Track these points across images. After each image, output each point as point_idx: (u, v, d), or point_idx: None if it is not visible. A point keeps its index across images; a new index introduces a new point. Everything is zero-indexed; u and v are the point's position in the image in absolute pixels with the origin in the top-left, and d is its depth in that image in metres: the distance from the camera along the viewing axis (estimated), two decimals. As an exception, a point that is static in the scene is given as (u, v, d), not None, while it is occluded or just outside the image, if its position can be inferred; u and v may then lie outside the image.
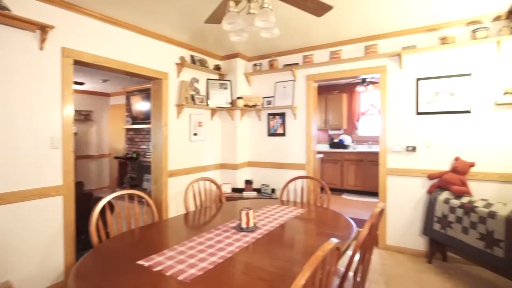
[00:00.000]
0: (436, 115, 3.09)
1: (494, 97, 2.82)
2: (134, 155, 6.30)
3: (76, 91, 6.61)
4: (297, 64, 3.87)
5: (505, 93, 2.75)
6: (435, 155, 3.10)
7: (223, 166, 4.29)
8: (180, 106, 3.59)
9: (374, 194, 5.65)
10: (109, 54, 2.88)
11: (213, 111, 4.14)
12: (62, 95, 2.50)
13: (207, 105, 3.97)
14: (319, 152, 6.33)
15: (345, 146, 6.38)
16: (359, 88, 6.13)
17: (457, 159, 2.96)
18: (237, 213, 2.22)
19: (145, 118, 6.09)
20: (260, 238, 1.65)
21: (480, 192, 2.87)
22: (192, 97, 3.79)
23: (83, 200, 2.95)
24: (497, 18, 2.79)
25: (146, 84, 5.93)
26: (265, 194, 3.89)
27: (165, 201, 3.42)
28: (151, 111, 3.55)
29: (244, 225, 1.76)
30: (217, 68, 4.17)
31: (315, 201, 2.61)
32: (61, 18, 2.50)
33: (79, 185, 3.20)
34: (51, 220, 2.42)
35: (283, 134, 4.07)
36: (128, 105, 6.60)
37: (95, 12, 2.69)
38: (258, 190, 3.99)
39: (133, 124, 6.42)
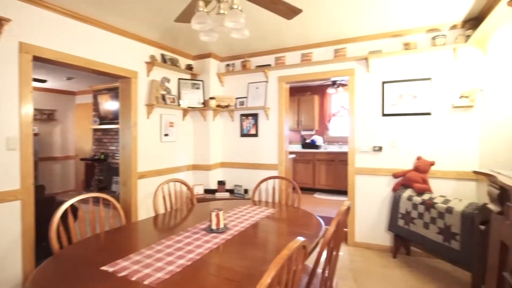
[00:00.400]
0: (400, 116, 3.25)
1: (451, 100, 3.02)
2: (102, 157, 6.04)
3: (38, 89, 6.22)
4: (269, 65, 3.91)
5: (461, 97, 2.95)
6: (400, 155, 3.26)
7: (195, 167, 4.23)
8: (150, 106, 3.49)
9: (345, 192, 5.82)
10: (74, 51, 2.74)
11: (185, 111, 4.08)
12: (20, 93, 2.34)
13: (179, 105, 3.90)
14: (291, 153, 6.43)
15: (317, 147, 6.53)
16: (330, 90, 6.31)
17: (419, 158, 3.13)
18: (208, 214, 2.20)
19: (114, 118, 5.86)
20: (230, 239, 1.65)
21: (440, 189, 3.06)
22: (163, 97, 3.70)
23: (45, 205, 2.78)
24: (454, 27, 2.99)
25: (115, 83, 5.71)
26: (238, 195, 3.89)
27: (134, 204, 3.32)
28: (119, 111, 3.42)
29: (214, 227, 1.75)
30: (189, 67, 4.11)
31: (286, 201, 2.65)
32: (20, 11, 2.34)
33: (39, 188, 3.02)
34: (7, 227, 2.26)
35: (256, 135, 4.09)
36: (96, 104, 6.32)
37: (58, 6, 2.55)
38: (231, 191, 3.98)
39: (101, 124, 6.16)
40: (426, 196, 2.83)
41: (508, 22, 2.26)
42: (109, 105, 6.05)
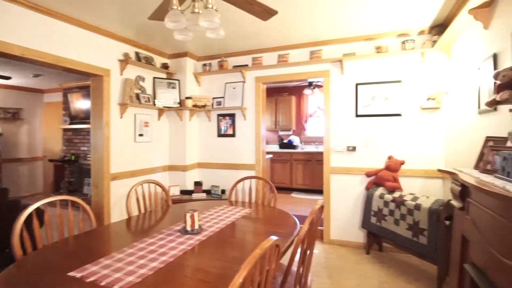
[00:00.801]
0: (372, 117, 3.37)
1: (419, 102, 3.17)
2: (73, 158, 5.79)
3: (1, 86, 5.86)
4: (246, 65, 3.92)
5: (428, 99, 3.10)
6: (372, 154, 3.38)
7: (172, 167, 4.16)
8: (123, 105, 3.39)
9: (322, 192, 5.89)
10: (42, 47, 2.61)
11: (161, 111, 3.99)
12: (-21, 90, 2.20)
13: (154, 104, 3.82)
14: (269, 153, 6.48)
15: (294, 147, 6.62)
16: (307, 91, 6.43)
17: (390, 157, 3.26)
18: (183, 216, 2.17)
19: (86, 117, 5.62)
20: (204, 240, 1.64)
21: (409, 187, 3.20)
22: (137, 96, 3.61)
23: (8, 209, 2.62)
24: (422, 32, 3.14)
25: (87, 81, 5.48)
26: (215, 195, 3.87)
27: (107, 206, 3.21)
28: (91, 110, 3.29)
29: (189, 228, 1.73)
30: (165, 66, 4.03)
31: (263, 201, 2.67)
32: (-22, 3, 2.20)
33: (2, 192, 2.85)
34: (-35, 233, 2.12)
35: (233, 135, 4.08)
36: (66, 103, 6.04)
37: (25, 0, 2.42)
38: (208, 192, 3.95)
39: (71, 123, 5.89)
40: (396, 194, 2.95)
41: (470, 28, 2.41)
42: (80, 103, 5.81)
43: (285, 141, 6.78)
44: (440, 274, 2.46)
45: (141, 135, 3.72)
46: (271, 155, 6.47)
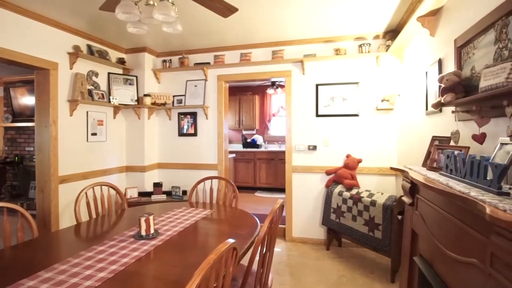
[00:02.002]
0: (332, 117, 3.47)
1: (375, 103, 3.33)
2: (17, 159, 5.26)
3: None
4: (208, 63, 3.83)
5: (383, 100, 3.27)
6: (332, 153, 3.48)
7: (129, 168, 3.94)
8: (73, 102, 3.14)
9: (285, 190, 6.02)
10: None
11: (117, 108, 3.77)
12: None
13: (109, 102, 3.59)
14: (232, 152, 6.44)
15: (257, 146, 6.64)
16: (269, 91, 6.48)
17: (348, 156, 3.38)
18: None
19: (32, 114, 5.13)
20: (160, 245, 1.55)
21: (366, 184, 3.35)
22: (90, 92, 3.36)
23: None
24: (377, 37, 3.29)
25: (33, 74, 5.00)
26: (176, 197, 3.74)
27: (55, 212, 2.95)
28: (35, 107, 3.00)
29: (143, 233, 1.63)
30: (121, 61, 3.81)
31: (224, 201, 2.62)
32: None
33: None
34: None
35: (194, 134, 3.98)
36: (8, 99, 5.46)
37: None
38: (168, 193, 3.80)
39: (14, 121, 5.35)
40: (354, 191, 3.07)
41: (419, 35, 2.57)
42: (26, 100, 5.29)
43: (248, 140, 6.78)
44: (394, 266, 2.60)
45: (94, 134, 3.47)
46: (234, 155, 6.43)
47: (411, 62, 2.84)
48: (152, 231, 1.65)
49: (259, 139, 6.77)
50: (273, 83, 6.36)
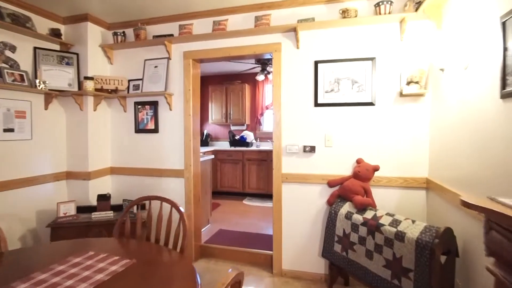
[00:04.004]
0: (337, 107, 2.51)
1: (397, 87, 2.36)
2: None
3: None
4: (171, 35, 2.87)
5: (409, 83, 2.29)
6: (336, 157, 2.52)
7: (71, 175, 3.00)
8: (-35, 84, 2.19)
9: (278, 197, 5.09)
10: None
11: (49, 96, 2.81)
12: None
13: (35, 86, 2.64)
14: (218, 151, 5.48)
15: (247, 144, 5.66)
16: (259, 77, 5.26)
17: (359, 161, 2.42)
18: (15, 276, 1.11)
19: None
20: None
21: (384, 201, 2.39)
22: (0, 73, 2.42)
23: None
24: (402, -9, 2.31)
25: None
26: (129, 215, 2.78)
27: None
28: None
29: None
30: (56, 34, 2.85)
31: (167, 238, 1.67)
32: None
33: None
34: None
35: (155, 130, 3.03)
36: None
37: None
38: (118, 208, 2.85)
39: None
40: (369, 214, 2.11)
41: (479, -29, 1.58)
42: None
43: (237, 137, 5.79)
44: None
45: (9, 130, 2.53)
46: (212, 156, 5.48)
47: (457, 22, 1.85)
48: None
49: (249, 136, 5.80)
50: (263, 67, 5.11)
